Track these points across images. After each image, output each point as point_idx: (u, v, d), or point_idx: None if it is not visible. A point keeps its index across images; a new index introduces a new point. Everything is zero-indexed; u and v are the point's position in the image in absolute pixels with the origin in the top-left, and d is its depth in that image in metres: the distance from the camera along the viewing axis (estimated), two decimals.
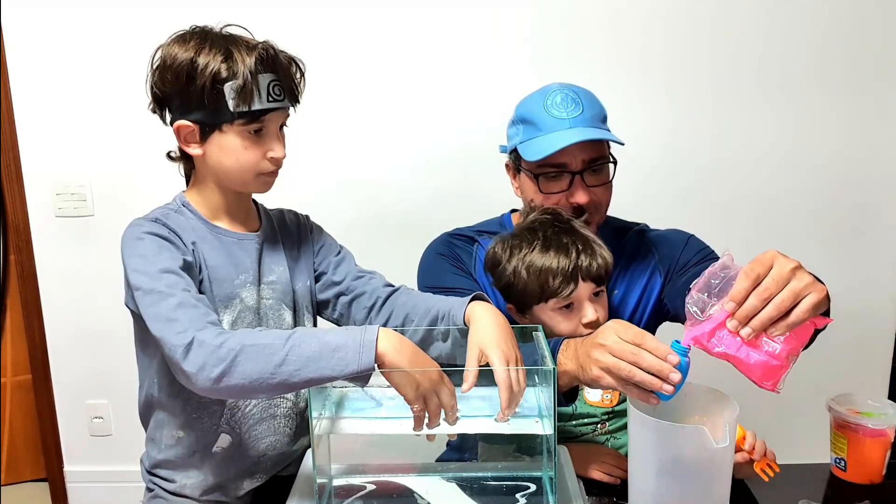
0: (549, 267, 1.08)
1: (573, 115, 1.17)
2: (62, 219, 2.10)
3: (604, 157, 1.21)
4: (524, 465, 1.07)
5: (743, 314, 0.79)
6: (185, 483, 1.09)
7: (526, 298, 1.12)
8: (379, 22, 1.97)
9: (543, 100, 1.19)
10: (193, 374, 0.85)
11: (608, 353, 0.86)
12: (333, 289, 1.17)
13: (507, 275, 1.12)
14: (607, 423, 1.21)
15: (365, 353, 0.83)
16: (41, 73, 2.01)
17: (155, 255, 0.95)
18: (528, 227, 1.15)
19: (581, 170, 1.17)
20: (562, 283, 1.08)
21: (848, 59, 1.97)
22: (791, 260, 0.80)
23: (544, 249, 1.10)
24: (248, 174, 1.03)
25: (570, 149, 1.14)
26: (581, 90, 1.21)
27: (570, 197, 1.18)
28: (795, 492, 1.04)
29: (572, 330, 1.10)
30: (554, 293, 1.09)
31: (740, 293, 0.79)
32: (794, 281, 0.78)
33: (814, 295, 0.78)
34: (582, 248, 1.10)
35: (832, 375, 1.94)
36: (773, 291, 0.78)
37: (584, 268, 1.08)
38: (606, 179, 1.21)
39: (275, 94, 0.99)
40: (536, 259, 1.10)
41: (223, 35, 1.01)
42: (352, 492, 0.98)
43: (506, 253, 1.14)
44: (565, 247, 1.10)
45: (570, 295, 1.09)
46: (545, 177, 1.19)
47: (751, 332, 0.79)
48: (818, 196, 2.05)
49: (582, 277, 1.08)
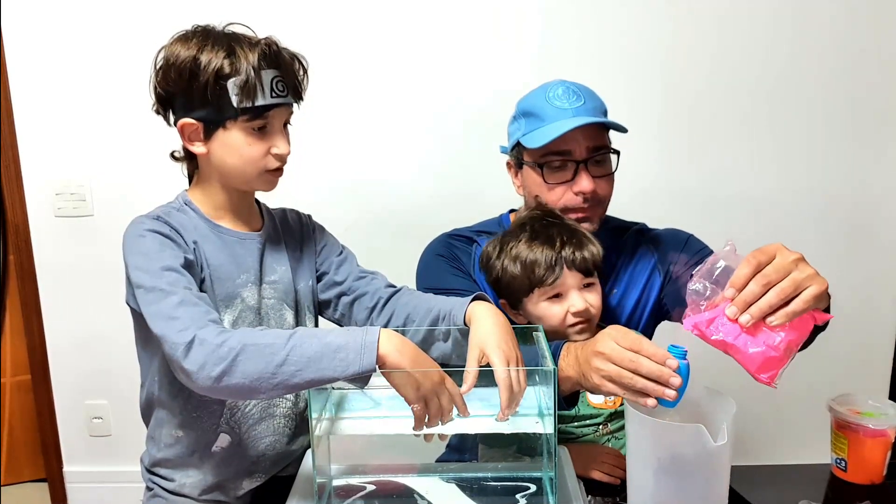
0: (534, 257, 1.11)
1: (575, 105, 1.18)
2: (61, 219, 2.10)
3: (607, 146, 1.21)
4: (524, 465, 1.06)
5: (742, 300, 0.79)
6: (184, 482, 1.09)
7: (515, 291, 1.14)
8: (380, 23, 1.97)
9: (545, 93, 1.20)
10: (194, 373, 0.85)
11: (608, 361, 0.86)
12: (335, 289, 1.17)
13: (497, 269, 1.15)
14: (609, 424, 1.21)
15: (367, 355, 0.83)
16: (41, 73, 2.01)
17: (157, 253, 0.95)
18: (519, 223, 1.17)
19: (585, 158, 1.18)
20: (546, 271, 1.10)
21: (850, 56, 1.97)
22: (794, 252, 0.80)
23: (531, 241, 1.13)
24: (253, 171, 1.02)
25: (575, 135, 1.15)
26: (581, 85, 1.23)
27: (574, 186, 1.18)
28: (796, 492, 1.04)
29: (561, 320, 1.11)
30: (539, 282, 1.10)
31: (741, 279, 0.79)
32: (795, 271, 0.78)
33: (815, 286, 0.78)
34: (568, 238, 1.12)
35: (833, 376, 1.94)
36: (773, 279, 0.78)
37: (569, 257, 1.10)
38: (610, 170, 1.22)
39: (278, 90, 0.99)
40: (523, 251, 1.12)
41: (225, 33, 1.01)
42: (351, 492, 0.98)
43: (496, 249, 1.16)
44: (551, 238, 1.12)
45: (555, 282, 1.10)
46: (549, 167, 1.19)
47: (750, 319, 0.79)
48: (818, 196, 2.05)
49: (567, 266, 1.10)
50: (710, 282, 0.83)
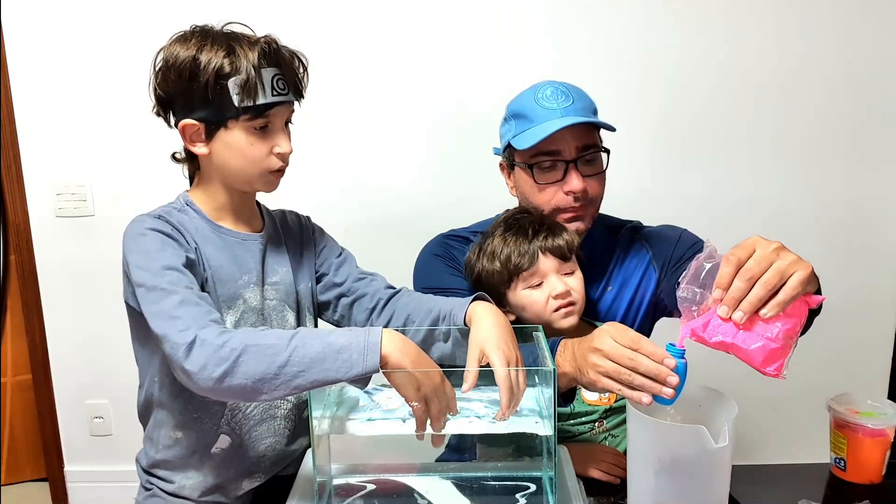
0: (510, 248, 1.15)
1: (564, 105, 1.18)
2: (62, 219, 2.10)
3: (596, 145, 1.22)
4: (524, 465, 1.06)
5: (731, 298, 0.79)
6: (183, 484, 1.09)
7: (496, 286, 1.16)
8: (380, 25, 1.97)
9: (534, 94, 1.21)
10: (195, 374, 0.84)
11: (605, 358, 0.86)
12: (335, 290, 1.17)
13: (477, 269, 1.18)
14: (605, 421, 1.21)
15: (370, 355, 0.83)
16: (41, 74, 2.01)
17: (158, 252, 0.95)
18: (495, 225, 1.21)
19: (575, 158, 1.18)
20: (522, 258, 1.13)
21: (848, 55, 1.97)
22: (772, 241, 0.80)
23: (504, 235, 1.17)
24: (255, 171, 1.02)
25: (563, 135, 1.15)
26: (570, 85, 1.23)
27: (564, 186, 1.19)
28: (795, 491, 1.04)
29: (544, 306, 1.13)
30: (517, 269, 1.13)
31: (725, 278, 0.79)
32: (778, 260, 0.78)
33: (800, 271, 0.78)
34: (540, 227, 1.15)
35: (832, 375, 1.94)
36: (757, 272, 0.78)
37: (543, 244, 1.14)
38: (600, 169, 1.22)
39: (279, 88, 0.99)
40: (498, 246, 1.16)
41: (224, 32, 1.00)
42: (352, 491, 0.98)
43: (475, 252, 1.20)
44: (524, 229, 1.16)
45: (531, 268, 1.13)
46: (539, 167, 1.19)
47: (742, 316, 0.79)
48: (818, 195, 2.05)
49: (542, 252, 1.13)
50: (698, 286, 0.83)
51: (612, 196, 1.28)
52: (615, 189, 1.27)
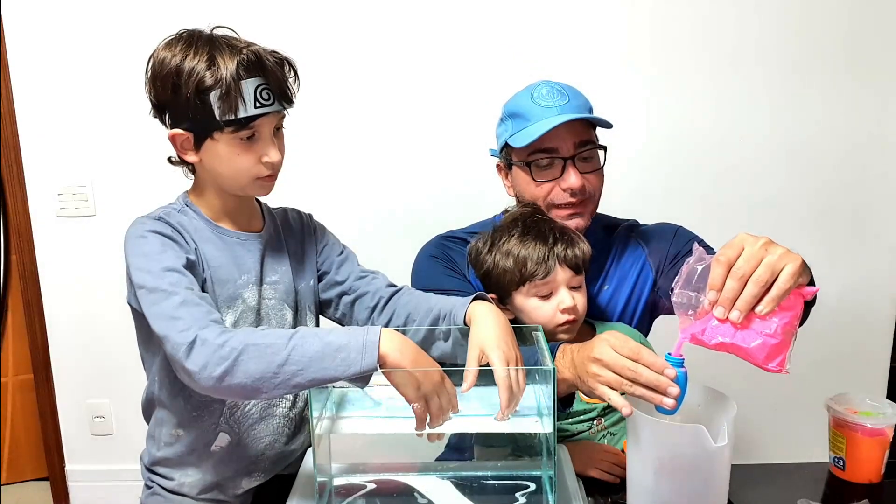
0: (527, 252, 1.13)
1: (560, 103, 1.19)
2: (64, 219, 2.10)
3: (593, 141, 1.22)
4: (524, 464, 1.07)
5: (725, 299, 0.79)
6: (183, 481, 1.10)
7: (505, 285, 1.15)
8: (380, 25, 1.97)
9: (530, 93, 1.21)
10: (196, 373, 0.85)
11: (605, 369, 0.86)
12: (336, 288, 1.17)
13: (488, 263, 1.16)
14: (603, 419, 1.21)
15: (368, 354, 0.83)
16: (43, 74, 2.01)
17: (158, 254, 0.95)
18: (510, 219, 1.19)
19: (572, 155, 1.18)
20: (538, 266, 1.11)
21: (848, 56, 1.97)
22: (760, 237, 0.80)
23: (523, 237, 1.14)
24: (244, 179, 1.01)
25: (560, 132, 1.16)
26: (565, 84, 1.23)
27: (562, 183, 1.19)
28: (794, 491, 1.04)
29: (550, 317, 1.12)
30: (531, 276, 1.12)
31: (717, 279, 0.79)
32: (767, 256, 0.78)
33: (790, 264, 0.78)
34: (560, 235, 1.14)
35: (831, 375, 1.94)
36: (748, 270, 0.78)
37: (560, 253, 1.12)
38: (598, 166, 1.23)
39: (263, 99, 0.97)
40: (514, 246, 1.14)
41: (209, 39, 0.98)
42: (352, 490, 0.98)
43: (486, 244, 1.18)
44: (543, 234, 1.14)
45: (546, 277, 1.12)
46: (537, 165, 1.20)
47: (739, 315, 0.79)
48: (817, 195, 2.05)
49: (559, 262, 1.12)
50: (692, 290, 0.83)
51: (609, 195, 1.27)
52: (616, 191, 1.28)
